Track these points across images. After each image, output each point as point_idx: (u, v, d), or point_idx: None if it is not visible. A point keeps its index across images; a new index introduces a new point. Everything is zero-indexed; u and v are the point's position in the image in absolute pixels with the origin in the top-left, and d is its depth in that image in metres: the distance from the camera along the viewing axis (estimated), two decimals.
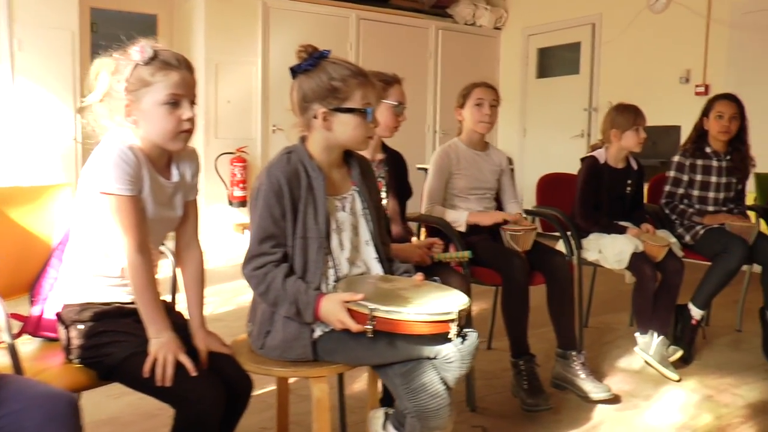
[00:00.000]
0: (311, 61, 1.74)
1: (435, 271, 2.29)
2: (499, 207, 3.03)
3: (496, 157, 3.02)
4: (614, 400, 2.67)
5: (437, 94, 7.44)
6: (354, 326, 1.56)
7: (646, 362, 3.05)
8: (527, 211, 3.21)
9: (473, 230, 2.76)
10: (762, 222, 3.55)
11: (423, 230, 2.93)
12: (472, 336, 1.62)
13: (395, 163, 2.55)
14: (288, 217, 1.70)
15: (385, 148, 2.56)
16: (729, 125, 3.31)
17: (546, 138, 7.49)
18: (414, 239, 2.45)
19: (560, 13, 7.22)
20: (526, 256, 2.69)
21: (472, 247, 2.60)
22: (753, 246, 3.16)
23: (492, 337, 3.33)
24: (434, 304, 1.58)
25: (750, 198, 3.67)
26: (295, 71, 1.77)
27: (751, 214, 3.56)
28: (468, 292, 2.45)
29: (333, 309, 1.60)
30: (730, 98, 3.37)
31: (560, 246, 3.06)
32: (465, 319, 1.60)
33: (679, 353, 3.09)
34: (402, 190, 2.54)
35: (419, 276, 1.78)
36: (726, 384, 2.94)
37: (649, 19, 6.39)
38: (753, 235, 3.18)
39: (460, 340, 1.59)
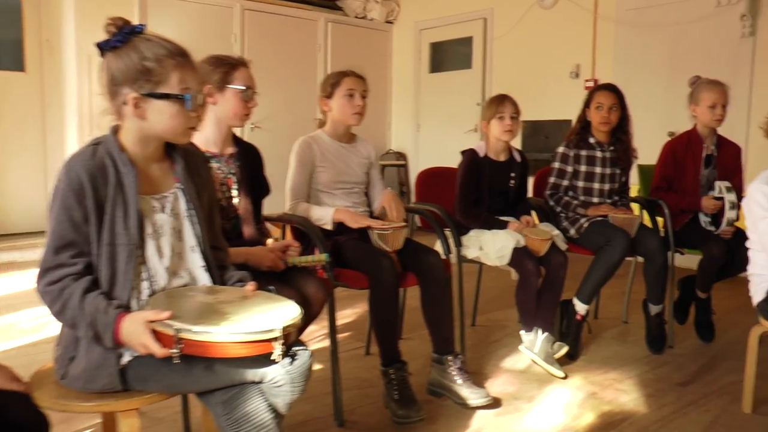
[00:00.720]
0: (121, 36, 1.47)
1: (290, 277, 2.07)
2: (369, 202, 2.84)
3: (364, 149, 2.83)
4: (494, 404, 2.53)
5: None
6: (158, 351, 1.31)
7: (532, 360, 2.95)
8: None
9: (342, 229, 2.55)
10: (644, 214, 3.53)
11: (288, 230, 2.69)
12: (304, 355, 1.40)
13: (248, 158, 2.30)
14: (91, 220, 1.43)
15: (237, 141, 2.31)
16: (608, 116, 3.27)
17: (440, 133, 7.40)
18: (269, 241, 2.21)
19: (452, 8, 7.15)
20: (398, 255, 2.51)
21: (337, 247, 2.39)
22: (635, 238, 3.12)
23: (370, 341, 3.13)
24: (254, 320, 1.34)
25: (634, 190, 3.66)
26: (102, 48, 1.50)
27: (635, 206, 3.54)
28: (330, 298, 2.25)
29: (135, 331, 1.34)
30: (610, 88, 3.32)
31: (439, 244, 2.90)
32: (295, 336, 1.38)
33: (565, 349, 3.04)
34: (256, 187, 2.29)
35: (250, 286, 1.54)
36: (610, 379, 2.88)
37: (539, 14, 6.41)
38: (635, 227, 3.15)
39: (288, 360, 1.36)
